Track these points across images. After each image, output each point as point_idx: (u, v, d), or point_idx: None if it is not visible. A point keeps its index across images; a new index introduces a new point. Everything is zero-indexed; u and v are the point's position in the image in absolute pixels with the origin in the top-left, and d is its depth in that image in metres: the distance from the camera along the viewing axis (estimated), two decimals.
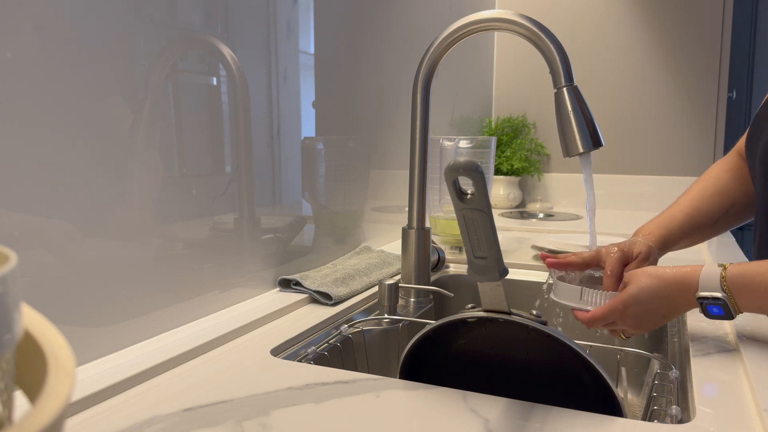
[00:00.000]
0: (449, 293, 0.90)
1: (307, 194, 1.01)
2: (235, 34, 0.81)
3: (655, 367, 0.80)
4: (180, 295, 0.73)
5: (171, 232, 0.72)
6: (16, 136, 0.53)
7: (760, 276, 0.63)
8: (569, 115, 0.79)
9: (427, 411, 0.53)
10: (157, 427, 0.50)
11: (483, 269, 0.54)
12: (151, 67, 0.68)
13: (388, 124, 1.26)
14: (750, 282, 0.64)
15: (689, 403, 0.57)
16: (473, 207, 0.52)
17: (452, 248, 1.24)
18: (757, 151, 0.83)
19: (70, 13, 0.58)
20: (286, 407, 0.53)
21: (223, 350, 0.68)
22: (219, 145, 0.80)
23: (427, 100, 0.91)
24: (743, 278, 0.64)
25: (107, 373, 0.58)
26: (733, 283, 0.64)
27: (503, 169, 2.01)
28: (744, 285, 0.64)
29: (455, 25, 0.86)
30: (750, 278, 0.64)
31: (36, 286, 0.56)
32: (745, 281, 0.64)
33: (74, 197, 0.59)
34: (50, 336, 0.24)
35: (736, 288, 0.64)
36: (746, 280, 0.64)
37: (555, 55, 0.79)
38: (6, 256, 0.22)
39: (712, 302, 0.65)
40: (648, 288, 0.69)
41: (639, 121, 1.99)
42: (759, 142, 0.82)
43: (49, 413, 0.19)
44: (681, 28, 1.91)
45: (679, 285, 0.68)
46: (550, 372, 0.60)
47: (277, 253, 0.92)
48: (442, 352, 0.63)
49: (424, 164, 0.93)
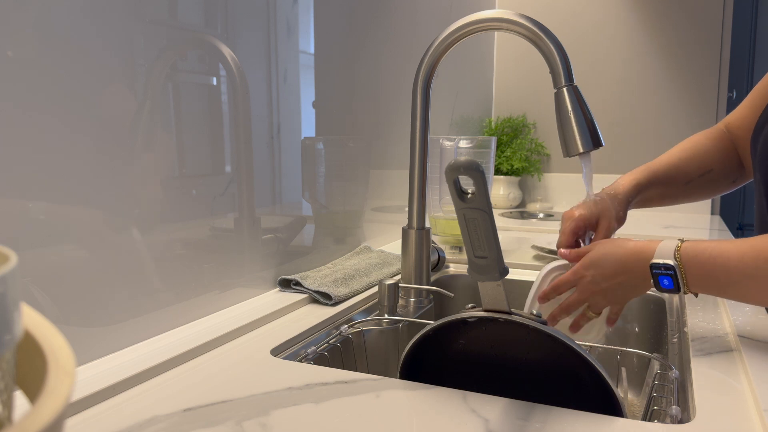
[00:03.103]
0: (449, 293, 0.89)
1: (307, 194, 1.01)
2: (235, 34, 0.81)
3: (655, 367, 0.80)
4: (180, 295, 0.73)
5: (171, 232, 0.72)
6: (10, 135, 0.53)
7: (710, 249, 0.66)
8: (569, 114, 0.79)
9: (427, 411, 0.53)
10: (157, 427, 0.50)
11: (483, 269, 0.54)
12: (151, 67, 0.68)
13: (388, 124, 1.26)
14: (700, 254, 0.66)
15: (689, 403, 0.57)
16: (474, 206, 0.52)
17: (452, 248, 1.24)
18: (757, 146, 0.83)
19: (70, 13, 0.58)
20: (286, 407, 0.53)
21: (223, 350, 0.68)
22: (219, 145, 0.80)
23: (427, 100, 0.91)
24: (695, 251, 0.67)
25: (107, 373, 0.58)
26: (685, 254, 0.67)
27: (503, 169, 2.01)
28: (695, 256, 0.66)
29: (455, 25, 0.86)
30: (701, 251, 0.66)
31: (36, 286, 0.56)
32: (696, 253, 0.66)
33: (74, 197, 0.59)
34: (50, 336, 0.24)
35: (687, 258, 0.66)
36: (697, 252, 0.66)
37: (555, 54, 0.79)
38: (6, 256, 0.22)
39: (663, 272, 0.67)
40: (607, 253, 0.73)
41: (639, 120, 1.99)
42: (760, 137, 0.83)
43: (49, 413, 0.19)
44: (681, 28, 1.91)
45: (637, 254, 0.71)
46: (550, 372, 0.60)
47: (277, 253, 0.92)
48: (442, 352, 0.63)
49: (424, 164, 0.93)
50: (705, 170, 0.93)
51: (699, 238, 1.42)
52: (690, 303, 0.85)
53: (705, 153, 0.94)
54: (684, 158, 0.93)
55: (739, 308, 0.81)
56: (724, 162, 0.94)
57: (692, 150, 0.94)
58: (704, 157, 0.93)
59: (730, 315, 0.78)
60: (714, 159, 0.94)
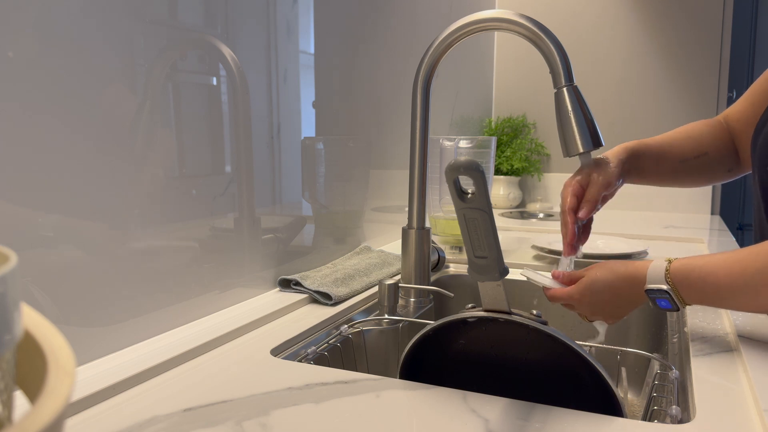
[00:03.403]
0: (449, 293, 0.89)
1: (307, 194, 1.01)
2: (235, 34, 0.81)
3: (655, 367, 0.80)
4: (180, 295, 0.73)
5: (171, 232, 0.72)
6: (9, 135, 0.53)
7: (698, 269, 0.67)
8: (569, 114, 0.79)
9: (427, 411, 0.53)
10: (157, 427, 0.50)
11: (483, 269, 0.54)
12: (151, 67, 0.68)
13: (389, 124, 1.26)
14: (690, 274, 0.67)
15: (689, 403, 0.57)
16: (474, 206, 0.52)
17: (452, 248, 1.24)
18: (756, 146, 0.83)
19: (70, 13, 0.58)
20: (286, 407, 0.53)
21: (223, 350, 0.68)
22: (219, 145, 0.80)
23: (427, 100, 0.91)
24: (684, 271, 0.68)
25: (107, 373, 0.58)
26: (675, 276, 0.68)
27: (503, 169, 2.01)
28: (685, 277, 0.67)
29: (455, 25, 0.86)
30: (690, 271, 0.67)
31: (36, 286, 0.56)
32: (685, 274, 0.67)
33: (73, 197, 0.59)
34: (50, 336, 0.24)
35: (678, 280, 0.68)
36: (687, 273, 0.67)
37: (555, 54, 0.79)
38: (6, 256, 0.22)
39: (659, 295, 0.69)
40: (601, 280, 0.74)
41: (639, 120, 1.99)
42: (759, 137, 0.83)
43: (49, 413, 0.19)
44: (681, 28, 1.91)
45: (629, 279, 0.72)
46: (550, 372, 0.60)
47: (277, 253, 0.92)
48: (442, 352, 0.63)
49: (424, 164, 0.93)
50: (700, 153, 0.93)
51: (699, 237, 1.42)
52: None
53: (701, 136, 0.95)
54: (679, 138, 0.94)
55: None
56: (720, 149, 0.94)
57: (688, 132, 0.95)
58: (700, 140, 0.94)
59: (730, 315, 0.78)
60: (710, 144, 0.94)
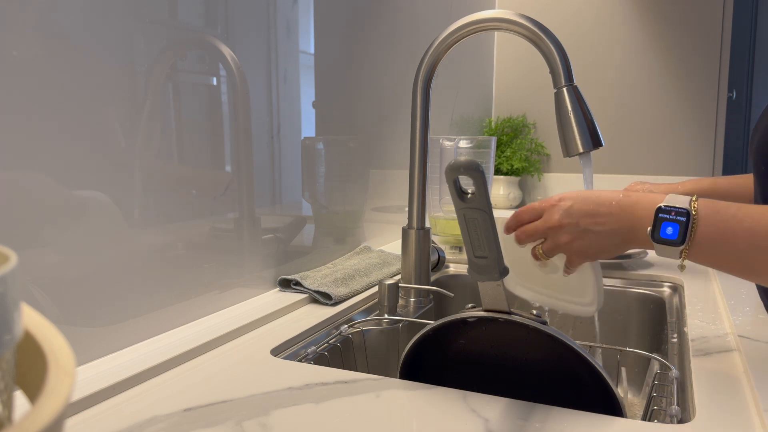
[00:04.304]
0: (449, 293, 0.89)
1: (307, 194, 1.01)
2: (235, 34, 0.81)
3: (655, 367, 0.80)
4: (180, 295, 0.73)
5: (171, 232, 0.72)
6: (9, 136, 0.53)
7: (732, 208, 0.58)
8: (569, 114, 0.79)
9: (427, 411, 0.53)
10: (157, 427, 0.50)
11: (483, 269, 0.54)
12: (151, 67, 0.68)
13: (388, 124, 1.26)
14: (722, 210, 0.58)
15: (689, 403, 0.57)
16: (474, 206, 0.52)
17: (452, 248, 1.24)
18: (753, 144, 0.83)
19: (70, 13, 0.58)
20: (286, 407, 0.53)
21: (223, 350, 0.68)
22: (219, 145, 0.80)
23: (427, 100, 0.91)
24: (715, 205, 0.59)
25: (107, 373, 0.58)
26: (703, 206, 0.58)
27: (503, 169, 2.01)
28: (716, 211, 0.58)
29: (455, 25, 0.86)
30: (722, 207, 0.58)
31: (36, 286, 0.56)
32: (717, 208, 0.58)
33: (73, 197, 0.59)
34: (50, 336, 0.24)
35: (705, 210, 0.58)
36: (718, 208, 0.58)
37: (555, 54, 0.79)
38: (6, 256, 0.22)
39: (672, 218, 0.58)
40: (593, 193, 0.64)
41: (639, 121, 1.99)
42: (756, 136, 0.83)
43: (49, 413, 0.19)
44: (681, 28, 1.91)
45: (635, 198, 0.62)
46: (550, 372, 0.60)
47: (277, 253, 0.92)
48: (442, 352, 0.63)
49: (424, 164, 0.93)
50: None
51: None
52: (690, 302, 0.85)
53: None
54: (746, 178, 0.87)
55: (739, 308, 0.81)
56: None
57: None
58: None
59: (730, 315, 0.78)
60: None
